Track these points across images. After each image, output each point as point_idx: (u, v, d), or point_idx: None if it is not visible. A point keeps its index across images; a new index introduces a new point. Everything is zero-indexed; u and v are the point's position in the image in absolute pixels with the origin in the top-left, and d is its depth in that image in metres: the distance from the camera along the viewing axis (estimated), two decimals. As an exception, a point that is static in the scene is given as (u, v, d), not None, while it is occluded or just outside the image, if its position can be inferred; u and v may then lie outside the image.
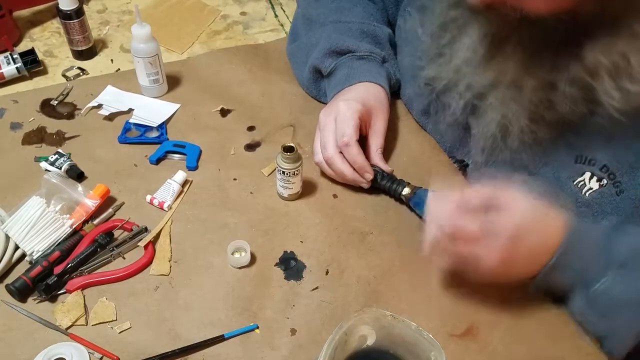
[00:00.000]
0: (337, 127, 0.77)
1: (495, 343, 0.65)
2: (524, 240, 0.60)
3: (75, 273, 0.69)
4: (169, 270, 0.70)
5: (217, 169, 0.83)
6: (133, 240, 0.73)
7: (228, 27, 1.11)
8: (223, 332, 0.64)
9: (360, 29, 0.88)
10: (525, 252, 0.61)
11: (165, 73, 0.93)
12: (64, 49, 1.02)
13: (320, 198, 0.80)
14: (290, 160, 0.74)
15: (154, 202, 0.77)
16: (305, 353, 0.63)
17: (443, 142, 0.85)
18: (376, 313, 0.52)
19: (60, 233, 0.71)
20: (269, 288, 0.69)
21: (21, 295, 0.66)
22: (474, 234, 0.60)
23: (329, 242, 0.74)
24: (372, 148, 0.80)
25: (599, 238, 0.62)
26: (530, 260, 0.63)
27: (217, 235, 0.74)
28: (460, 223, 0.61)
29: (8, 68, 0.93)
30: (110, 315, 0.65)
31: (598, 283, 0.61)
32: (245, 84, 0.97)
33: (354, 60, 0.85)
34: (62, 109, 0.91)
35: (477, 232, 0.60)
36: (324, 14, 0.91)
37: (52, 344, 0.61)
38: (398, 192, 0.77)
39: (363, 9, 0.90)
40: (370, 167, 0.77)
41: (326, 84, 0.89)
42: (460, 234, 0.61)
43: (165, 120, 0.89)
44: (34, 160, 0.82)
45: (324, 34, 0.88)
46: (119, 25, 1.10)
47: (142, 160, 0.84)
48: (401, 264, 0.72)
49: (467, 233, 0.61)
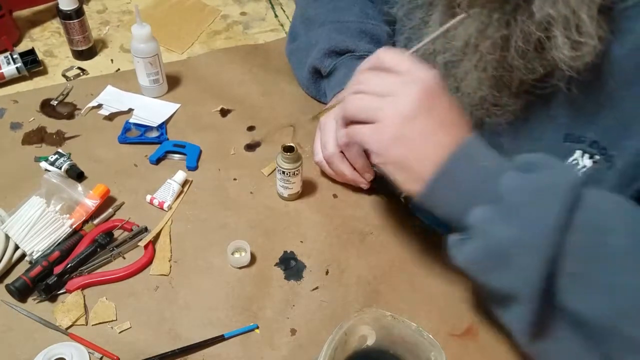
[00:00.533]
0: (337, 128, 0.76)
1: (495, 343, 0.65)
2: (425, 111, 0.57)
3: (75, 273, 0.69)
4: (169, 270, 0.70)
5: (217, 169, 0.83)
6: (133, 240, 0.73)
7: (228, 27, 1.11)
8: (223, 332, 0.64)
9: (359, 28, 0.88)
10: (421, 129, 0.58)
11: (165, 73, 0.93)
12: (64, 49, 1.02)
13: (320, 198, 0.80)
14: (290, 160, 0.74)
15: (154, 202, 0.77)
16: (305, 353, 0.63)
17: None
18: (376, 313, 0.52)
19: (60, 233, 0.71)
20: (269, 288, 0.69)
21: (21, 295, 0.66)
22: (374, 84, 0.59)
23: (329, 242, 0.74)
24: None
25: (494, 161, 0.58)
26: (427, 148, 0.58)
27: (217, 235, 0.74)
28: (360, 79, 0.61)
29: (8, 68, 0.93)
30: (110, 315, 0.65)
31: (472, 213, 0.56)
32: (245, 84, 0.97)
33: (353, 60, 0.85)
34: (62, 109, 0.91)
35: (378, 85, 0.59)
36: (322, 13, 0.91)
37: (52, 344, 0.61)
38: (398, 194, 0.77)
39: (361, 8, 0.90)
40: (371, 168, 0.77)
41: (326, 84, 0.89)
42: (359, 87, 0.60)
43: (165, 120, 0.89)
44: (34, 160, 0.82)
45: (323, 34, 0.88)
46: (119, 25, 1.10)
47: (142, 160, 0.84)
48: (401, 264, 0.72)
49: (365, 85, 0.60)
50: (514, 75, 0.61)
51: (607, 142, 0.60)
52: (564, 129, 0.64)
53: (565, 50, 0.55)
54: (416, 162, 0.59)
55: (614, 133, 0.60)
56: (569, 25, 0.55)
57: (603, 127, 0.60)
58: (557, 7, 0.54)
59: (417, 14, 0.72)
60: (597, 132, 0.61)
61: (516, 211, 0.53)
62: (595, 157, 0.62)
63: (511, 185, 0.55)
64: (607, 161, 0.61)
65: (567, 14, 0.54)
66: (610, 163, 0.60)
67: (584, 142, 0.62)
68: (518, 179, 0.55)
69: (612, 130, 0.60)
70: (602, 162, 0.61)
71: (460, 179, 0.57)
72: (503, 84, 0.63)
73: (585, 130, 0.62)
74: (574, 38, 0.55)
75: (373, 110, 0.59)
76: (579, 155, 0.63)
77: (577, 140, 0.63)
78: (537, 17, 0.55)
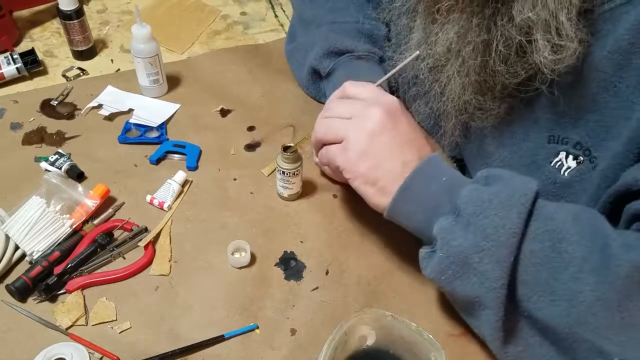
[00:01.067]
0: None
1: (495, 343, 0.65)
2: (388, 130, 0.62)
3: (75, 273, 0.69)
4: (169, 270, 0.70)
5: (217, 169, 0.83)
6: (133, 240, 0.73)
7: (228, 27, 1.11)
8: (223, 332, 0.64)
9: (356, 28, 0.88)
10: (385, 145, 0.62)
11: (165, 73, 0.93)
12: (64, 49, 1.02)
13: (320, 198, 0.80)
14: (290, 160, 0.74)
15: (154, 202, 0.77)
16: (305, 353, 0.63)
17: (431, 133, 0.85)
18: (376, 313, 0.52)
19: (60, 233, 0.71)
20: (269, 288, 0.69)
21: (21, 295, 0.66)
22: (341, 110, 0.65)
23: (329, 242, 0.74)
24: None
25: (454, 177, 0.61)
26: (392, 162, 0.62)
27: (217, 235, 0.74)
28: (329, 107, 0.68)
29: (8, 68, 0.93)
30: (110, 315, 0.65)
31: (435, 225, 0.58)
32: (245, 84, 0.97)
33: (352, 60, 0.85)
34: (62, 109, 0.91)
35: (344, 110, 0.65)
36: (319, 14, 0.91)
37: (52, 344, 0.61)
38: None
39: (358, 9, 0.90)
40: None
41: (325, 84, 0.89)
42: (327, 113, 0.66)
43: (165, 121, 0.89)
44: (34, 160, 0.82)
45: (321, 35, 0.88)
46: (119, 25, 1.10)
47: (142, 160, 0.84)
48: (401, 264, 0.72)
49: (333, 111, 0.65)
50: (496, 80, 0.63)
51: (590, 144, 0.61)
52: (547, 130, 0.64)
53: (546, 53, 0.56)
54: (382, 176, 0.62)
55: (597, 134, 0.60)
56: (549, 28, 0.55)
57: (586, 129, 0.61)
58: (536, 11, 0.55)
59: (403, 20, 0.74)
60: (581, 133, 0.62)
61: (475, 221, 0.55)
62: (579, 158, 0.62)
63: (470, 196, 0.57)
64: (590, 162, 0.61)
65: (547, 17, 0.55)
66: (593, 164, 0.61)
67: (567, 144, 0.63)
68: (476, 191, 0.57)
69: (595, 132, 0.61)
70: (586, 163, 0.62)
71: (423, 193, 0.60)
72: (486, 88, 0.65)
73: (568, 132, 0.63)
74: (555, 41, 0.55)
75: (341, 131, 0.64)
76: (563, 156, 0.64)
77: (561, 141, 0.64)
78: (517, 20, 0.56)
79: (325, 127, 0.66)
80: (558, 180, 0.65)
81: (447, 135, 0.74)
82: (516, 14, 0.56)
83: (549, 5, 0.54)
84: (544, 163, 0.65)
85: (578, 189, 0.64)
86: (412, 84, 0.77)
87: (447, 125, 0.72)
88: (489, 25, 0.59)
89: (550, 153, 0.65)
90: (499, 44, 0.59)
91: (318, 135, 0.68)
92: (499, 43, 0.59)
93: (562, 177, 0.64)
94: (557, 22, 0.55)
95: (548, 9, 0.54)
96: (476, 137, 0.73)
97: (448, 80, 0.66)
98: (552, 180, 0.65)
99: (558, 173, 0.64)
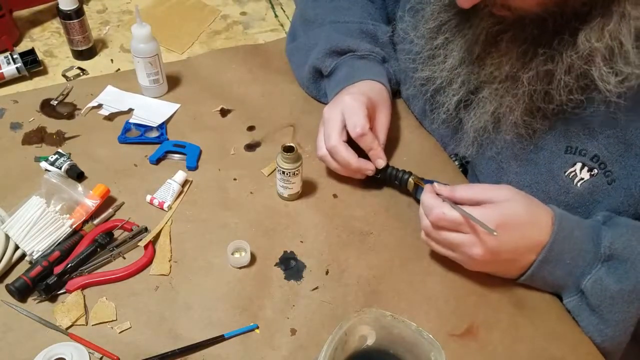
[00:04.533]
0: (347, 119, 0.76)
1: (495, 343, 0.65)
2: (511, 231, 0.61)
3: (75, 273, 0.69)
4: (169, 270, 0.70)
5: (217, 169, 0.83)
6: (133, 240, 0.73)
7: (228, 27, 1.11)
8: (223, 332, 0.64)
9: (359, 28, 0.88)
10: (512, 244, 0.62)
11: (165, 73, 0.93)
12: (64, 49, 1.02)
13: (320, 198, 0.80)
14: (290, 160, 0.74)
15: (154, 202, 0.77)
16: (305, 353, 0.63)
17: (440, 139, 0.85)
18: (376, 313, 0.52)
19: (60, 233, 0.71)
20: (269, 288, 0.69)
21: (21, 295, 0.66)
22: (456, 220, 0.62)
23: (329, 242, 0.74)
24: None
25: (588, 230, 0.63)
26: (518, 253, 0.63)
27: (217, 235, 0.74)
28: (441, 211, 0.63)
29: (8, 68, 0.93)
30: (110, 315, 0.65)
31: (589, 275, 0.62)
32: (245, 84, 0.97)
33: (354, 60, 0.85)
34: (62, 109, 0.91)
35: (459, 219, 0.61)
36: (322, 14, 0.91)
37: (52, 344, 0.61)
38: (405, 180, 0.76)
39: (362, 9, 0.90)
40: (384, 154, 0.77)
41: (326, 83, 0.89)
42: (442, 221, 0.63)
43: (165, 120, 0.89)
44: (34, 160, 0.82)
45: (323, 34, 0.88)
46: (119, 25, 1.10)
47: (142, 160, 0.84)
48: (401, 264, 0.72)
49: (448, 220, 0.62)
50: (553, 103, 0.63)
51: (607, 158, 0.61)
52: (565, 140, 0.65)
53: (610, 79, 0.57)
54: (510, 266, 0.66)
55: (615, 149, 0.61)
56: (614, 57, 0.56)
57: (605, 143, 0.62)
58: (604, 40, 0.55)
59: (439, 39, 0.72)
60: (599, 147, 0.63)
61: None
62: (594, 170, 0.63)
63: (618, 242, 0.61)
64: (605, 176, 0.62)
65: (613, 45, 0.55)
66: (609, 179, 0.62)
67: (585, 155, 0.64)
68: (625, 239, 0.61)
69: (614, 147, 0.61)
70: (600, 176, 0.63)
71: (561, 256, 0.63)
72: (536, 110, 0.65)
73: (586, 144, 0.64)
74: (619, 68, 0.56)
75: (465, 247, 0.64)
76: (578, 167, 0.65)
77: (578, 153, 0.65)
78: (582, 50, 0.57)
79: (443, 244, 0.67)
80: (571, 191, 0.66)
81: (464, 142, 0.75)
82: (581, 42, 0.57)
83: (614, 34, 0.55)
84: (558, 172, 0.66)
85: (589, 200, 0.65)
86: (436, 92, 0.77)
87: (470, 134, 0.73)
88: (553, 55, 0.60)
89: (566, 163, 0.66)
90: (562, 72, 0.60)
91: (439, 250, 0.68)
92: (562, 72, 0.60)
93: (575, 188, 0.65)
94: (624, 50, 0.55)
95: (614, 38, 0.55)
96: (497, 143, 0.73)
97: (502, 102, 0.67)
98: (565, 190, 0.66)
99: (571, 183, 0.66)
